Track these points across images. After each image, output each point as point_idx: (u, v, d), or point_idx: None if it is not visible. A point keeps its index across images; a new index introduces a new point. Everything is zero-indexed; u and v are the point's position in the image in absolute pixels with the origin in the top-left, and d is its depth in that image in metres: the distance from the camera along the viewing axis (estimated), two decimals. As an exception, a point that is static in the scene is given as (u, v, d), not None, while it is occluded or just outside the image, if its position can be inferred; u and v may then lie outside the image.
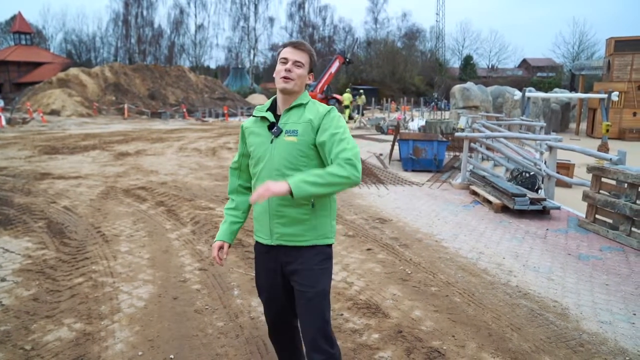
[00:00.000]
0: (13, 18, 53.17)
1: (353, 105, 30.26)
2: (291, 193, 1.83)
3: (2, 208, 6.58)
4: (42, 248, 4.99)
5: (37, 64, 48.06)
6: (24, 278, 4.18)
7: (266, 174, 2.06)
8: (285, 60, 2.08)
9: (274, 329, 2.36)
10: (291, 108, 2.11)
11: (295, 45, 2.11)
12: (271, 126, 2.10)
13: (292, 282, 2.12)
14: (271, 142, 2.07)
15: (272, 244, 2.12)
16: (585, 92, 27.83)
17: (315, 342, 2.04)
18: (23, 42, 51.05)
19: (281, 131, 2.06)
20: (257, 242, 2.23)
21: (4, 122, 21.18)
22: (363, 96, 32.53)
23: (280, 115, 2.13)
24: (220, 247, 2.27)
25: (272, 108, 2.17)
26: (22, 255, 4.76)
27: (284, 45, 2.14)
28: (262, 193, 1.83)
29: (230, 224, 2.31)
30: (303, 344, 2.18)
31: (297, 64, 2.08)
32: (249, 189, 2.33)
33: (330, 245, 2.18)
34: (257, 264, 2.27)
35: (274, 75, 2.12)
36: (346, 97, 28.72)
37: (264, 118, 2.14)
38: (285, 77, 2.06)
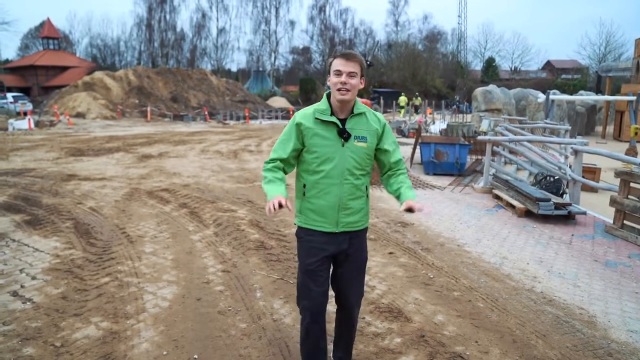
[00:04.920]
0: (42, 24, 54.67)
1: (411, 106, 35.89)
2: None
3: (31, 208, 6.77)
4: (69, 248, 5.11)
5: (64, 68, 49.25)
6: (53, 277, 4.29)
7: (337, 172, 2.41)
8: (339, 73, 2.34)
9: (320, 302, 2.51)
10: (354, 115, 2.44)
11: (346, 56, 2.36)
12: (341, 131, 2.40)
13: (344, 256, 2.52)
14: (342, 145, 2.40)
15: (337, 231, 2.47)
16: (613, 94, 27.11)
17: (358, 297, 2.64)
18: (51, 47, 52.43)
19: (350, 136, 2.40)
20: (312, 230, 2.48)
21: (32, 125, 21.78)
22: (419, 97, 37.74)
23: (342, 120, 2.43)
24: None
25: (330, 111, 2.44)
26: (51, 254, 4.89)
27: (335, 56, 2.40)
28: (423, 209, 2.37)
29: (284, 186, 2.44)
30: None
31: (351, 74, 2.34)
32: (284, 171, 2.54)
33: None
34: (310, 247, 2.50)
35: (329, 84, 2.41)
36: (402, 100, 34.44)
37: (330, 122, 2.42)
38: (342, 90, 2.35)
